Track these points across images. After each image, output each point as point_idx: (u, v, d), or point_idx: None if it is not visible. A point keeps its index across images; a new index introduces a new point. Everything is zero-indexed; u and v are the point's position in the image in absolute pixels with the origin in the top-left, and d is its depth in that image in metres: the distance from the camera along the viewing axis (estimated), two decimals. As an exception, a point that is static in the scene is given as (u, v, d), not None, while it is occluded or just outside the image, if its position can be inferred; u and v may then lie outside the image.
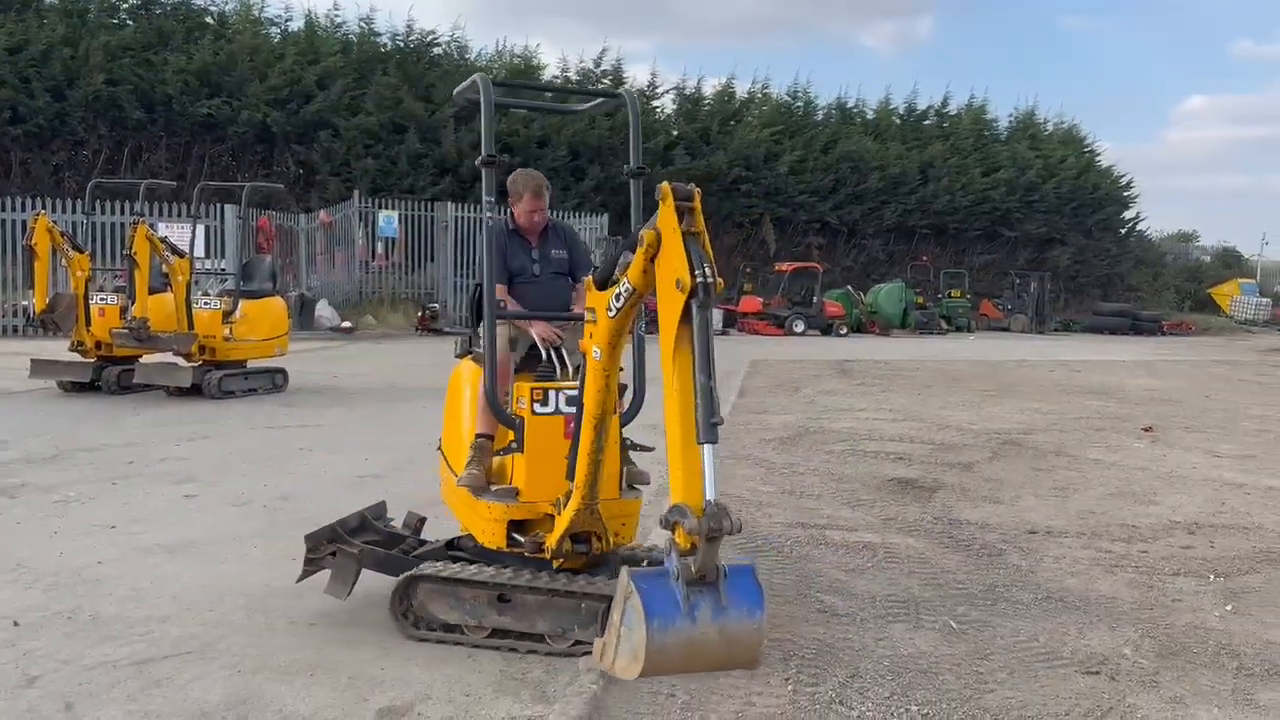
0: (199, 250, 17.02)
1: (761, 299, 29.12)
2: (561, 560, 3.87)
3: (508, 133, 28.24)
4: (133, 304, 10.49)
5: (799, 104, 36.97)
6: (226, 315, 10.99)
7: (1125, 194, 41.54)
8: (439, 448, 4.76)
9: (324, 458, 7.80)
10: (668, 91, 35.40)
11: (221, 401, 10.52)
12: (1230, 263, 49.60)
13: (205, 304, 11.05)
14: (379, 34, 30.55)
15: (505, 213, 4.93)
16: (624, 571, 2.63)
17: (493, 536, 4.02)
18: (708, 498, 2.60)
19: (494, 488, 4.11)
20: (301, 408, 10.33)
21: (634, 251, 3.16)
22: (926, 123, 39.02)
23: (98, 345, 10.97)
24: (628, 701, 3.60)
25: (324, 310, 21.49)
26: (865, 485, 7.37)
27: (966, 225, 36.36)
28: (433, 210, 25.03)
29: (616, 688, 3.69)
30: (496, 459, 4.24)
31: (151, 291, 10.58)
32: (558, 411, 3.96)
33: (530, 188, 4.69)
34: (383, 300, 23.85)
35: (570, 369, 4.20)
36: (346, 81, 27.52)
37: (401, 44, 30.64)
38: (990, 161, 36.86)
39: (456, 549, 4.44)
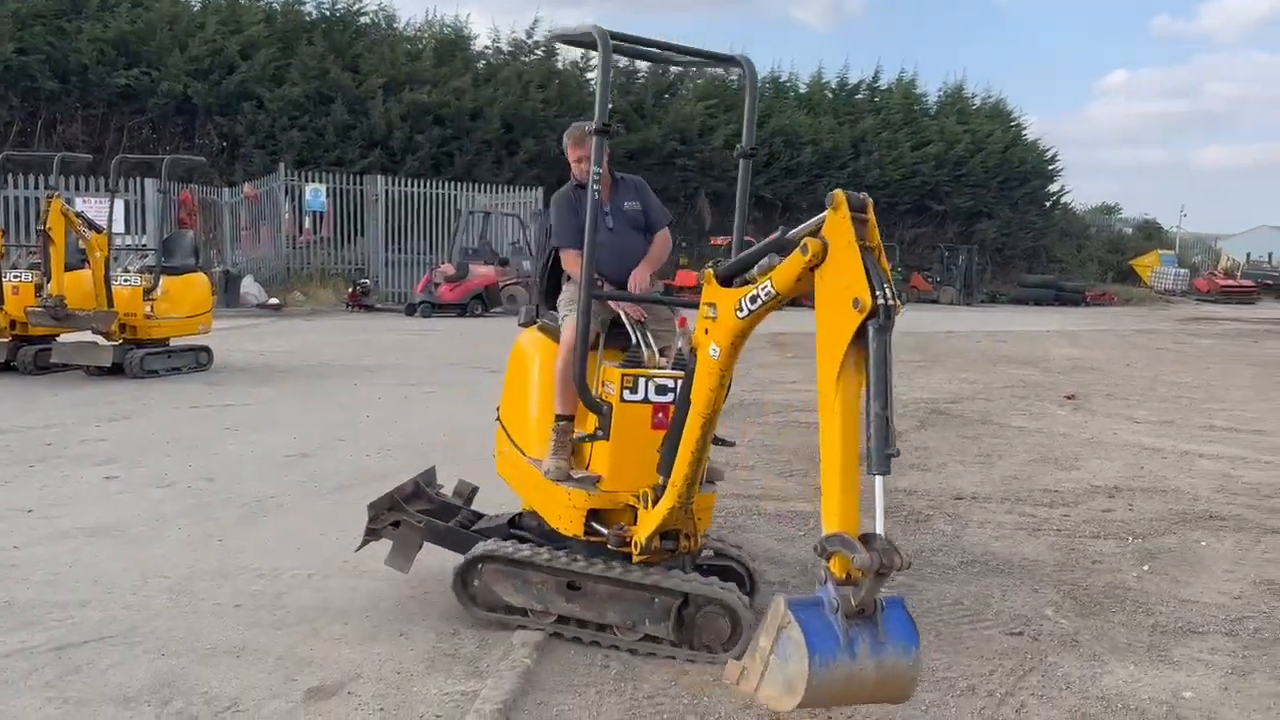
0: (118, 225, 16.45)
1: (697, 273, 29.15)
2: (647, 556, 3.72)
3: (438, 103, 27.79)
4: (49, 281, 10.13)
5: (733, 78, 36.96)
6: (147, 292, 10.67)
7: (1050, 168, 42.37)
8: (497, 418, 4.61)
9: (251, 437, 7.65)
10: (601, 64, 35.10)
11: (144, 381, 10.24)
12: (1151, 235, 50.97)
13: (125, 281, 10.71)
14: (304, 2, 29.79)
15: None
16: (779, 599, 2.52)
17: (570, 524, 3.85)
18: (878, 531, 2.52)
19: (574, 474, 3.95)
20: (227, 386, 10.11)
21: (780, 254, 2.99)
22: (858, 97, 39.33)
23: (12, 324, 10.60)
24: (562, 673, 3.61)
25: (250, 287, 21.02)
26: (798, 456, 7.46)
27: (897, 199, 36.78)
28: (362, 183, 24.56)
29: (549, 660, 3.70)
30: (576, 443, 4.06)
31: (68, 268, 10.23)
32: (646, 400, 3.77)
33: (573, 137, 4.31)
34: (311, 276, 23.37)
35: (655, 351, 3.99)
36: (271, 51, 26.77)
37: (327, 13, 29.90)
38: (920, 136, 37.31)
39: (519, 527, 4.30)
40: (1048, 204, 43.07)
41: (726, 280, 3.29)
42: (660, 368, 3.89)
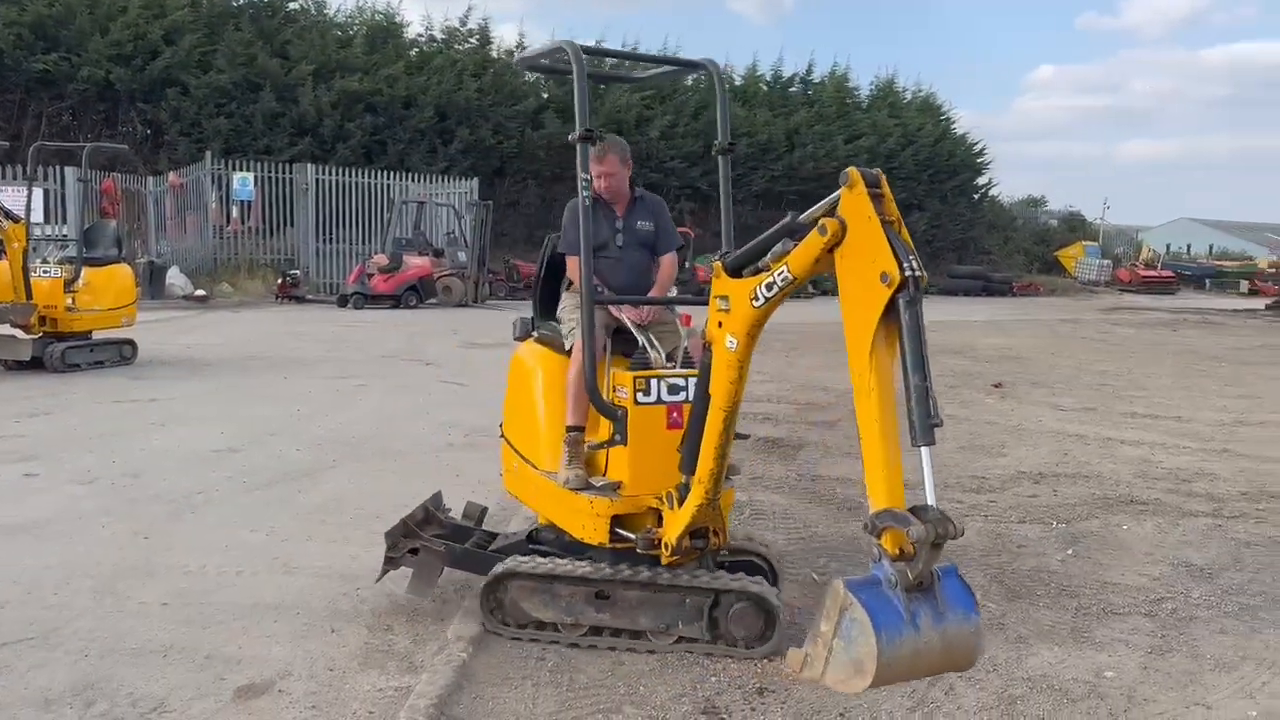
0: (36, 215, 15.96)
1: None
2: (678, 557, 3.68)
3: (370, 90, 27.36)
4: (-38, 273, 9.78)
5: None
6: (68, 284, 10.37)
7: (979, 161, 43.15)
8: (501, 434, 4.52)
9: (177, 432, 7.47)
10: (536, 53, 34.91)
11: (65, 375, 9.94)
12: (1075, 226, 52.20)
13: (45, 272, 10.38)
14: (231, -13, 29.08)
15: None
16: (838, 582, 2.49)
17: (594, 532, 3.80)
18: (929, 502, 2.51)
19: (594, 482, 3.91)
20: (152, 380, 9.86)
21: (793, 238, 2.96)
22: (792, 90, 39.63)
23: (-76, 318, 10.20)
24: (497, 667, 3.60)
25: (175, 278, 20.49)
26: (734, 445, 7.50)
27: (831, 191, 37.20)
28: (291, 172, 24.08)
29: (485, 654, 3.69)
30: (588, 451, 4.02)
31: (-16, 259, 9.89)
32: (660, 401, 3.77)
33: (594, 151, 4.22)
34: (239, 267, 22.86)
35: (662, 354, 3.98)
36: (196, 37, 26.09)
37: (255, -2, 29.27)
38: (853, 129, 37.74)
39: (537, 542, 4.23)
40: (976, 196, 43.88)
41: (736, 271, 3.29)
42: (667, 368, 3.88)
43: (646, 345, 3.98)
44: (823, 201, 2.88)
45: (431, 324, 16.57)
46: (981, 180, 43.99)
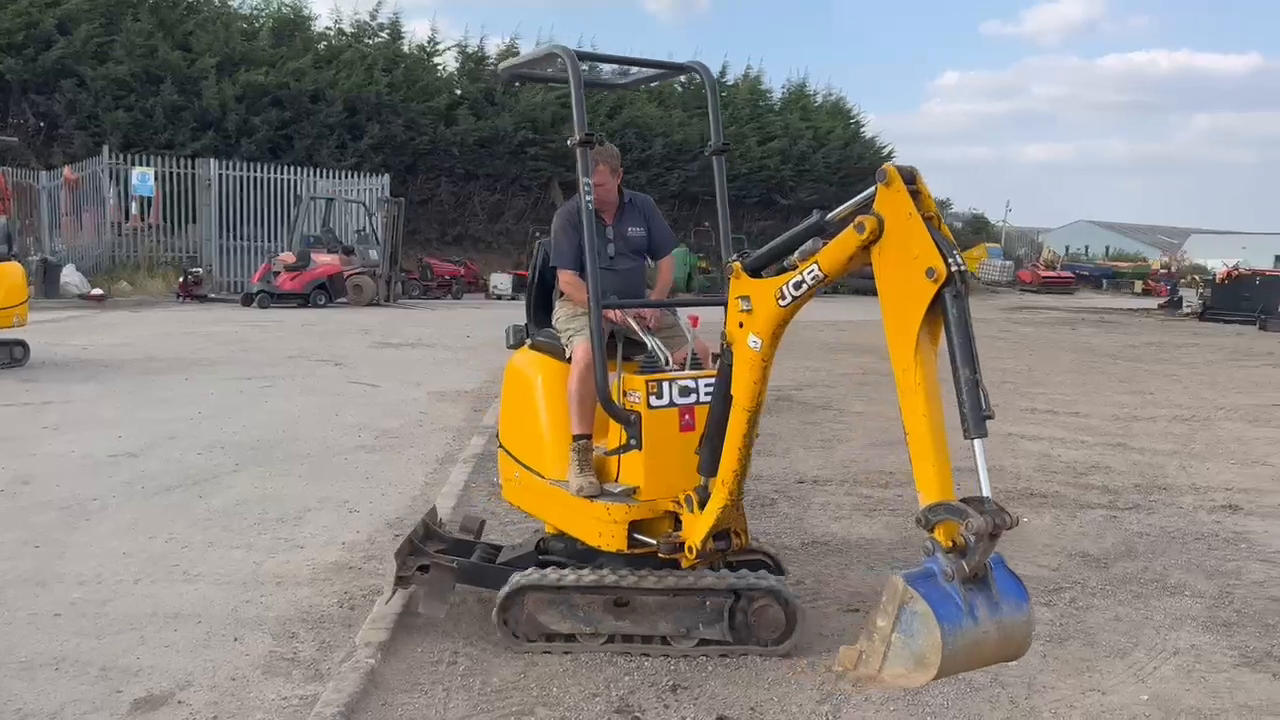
0: (-82, 209, 15.16)
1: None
2: (700, 560, 3.64)
3: (276, 84, 26.72)
4: None
5: (583, 68, 36.92)
6: (-47, 282, 9.89)
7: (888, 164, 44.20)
8: (500, 445, 4.39)
9: (72, 436, 7.18)
10: (449, 49, 34.55)
11: (-51, 377, 9.48)
12: (979, 228, 53.71)
13: (-74, 269, 9.89)
14: (129, -24, 28.09)
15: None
16: (896, 578, 2.49)
17: (612, 539, 3.72)
18: (984, 494, 2.53)
19: (609, 488, 3.83)
20: (46, 383, 9.46)
21: (820, 236, 2.96)
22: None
23: None
24: (407, 673, 3.54)
25: (71, 276, 19.71)
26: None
27: (745, 193, 37.57)
28: (194, 167, 23.39)
29: (394, 660, 3.62)
30: (597, 457, 3.95)
31: None
32: (671, 404, 3.74)
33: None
34: (139, 265, 22.12)
35: (670, 357, 3.94)
36: (93, 27, 25.13)
37: (155, -13, 28.31)
38: (765, 131, 38.22)
39: (545, 552, 4.13)
40: (886, 199, 44.82)
41: (755, 271, 3.29)
42: (674, 370, 3.87)
43: (655, 349, 3.96)
44: (853, 200, 2.91)
45: (341, 323, 16.25)
46: (890, 183, 44.91)
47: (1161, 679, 3.68)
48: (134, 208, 22.49)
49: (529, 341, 4.40)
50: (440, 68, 33.43)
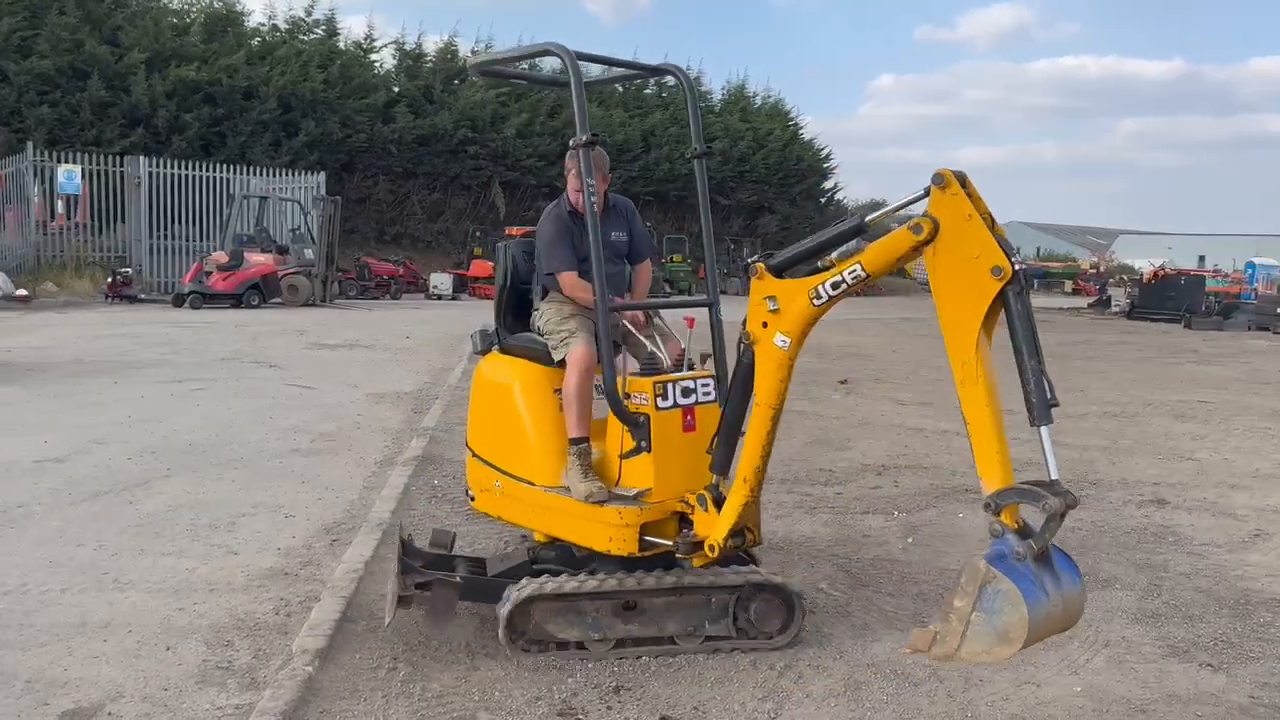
0: None
1: (492, 263, 28.98)
2: (716, 556, 3.64)
3: (208, 80, 26.19)
4: None
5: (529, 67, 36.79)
6: None
7: (825, 165, 44.69)
8: (472, 453, 4.25)
9: (-6, 441, 6.96)
10: (386, 45, 34.19)
11: None
12: (915, 230, 54.53)
13: None
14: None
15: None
16: (978, 560, 2.60)
17: (623, 543, 3.70)
18: (1053, 477, 2.71)
19: (618, 492, 3.79)
20: (-34, 386, 9.16)
21: (859, 236, 3.05)
22: (647, 92, 40.08)
23: None
24: (346, 680, 3.48)
25: (-6, 277, 19.14)
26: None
27: (686, 193, 37.77)
28: (123, 165, 22.83)
29: (332, 667, 3.57)
30: (594, 460, 3.90)
31: None
32: (675, 405, 3.76)
33: (572, 164, 4.00)
34: (65, 265, 21.54)
35: (669, 358, 3.94)
36: (15, 20, 24.41)
37: (81, -20, 27.56)
38: (708, 132, 38.39)
39: (537, 562, 4.07)
40: (823, 200, 45.37)
41: (778, 273, 3.34)
42: (671, 371, 3.88)
43: (656, 350, 3.96)
44: (897, 202, 3.07)
45: (275, 324, 15.97)
46: (828, 184, 45.54)
47: (1094, 670, 3.77)
48: (60, 206, 21.91)
49: (497, 346, 4.32)
50: (377, 65, 33.11)
